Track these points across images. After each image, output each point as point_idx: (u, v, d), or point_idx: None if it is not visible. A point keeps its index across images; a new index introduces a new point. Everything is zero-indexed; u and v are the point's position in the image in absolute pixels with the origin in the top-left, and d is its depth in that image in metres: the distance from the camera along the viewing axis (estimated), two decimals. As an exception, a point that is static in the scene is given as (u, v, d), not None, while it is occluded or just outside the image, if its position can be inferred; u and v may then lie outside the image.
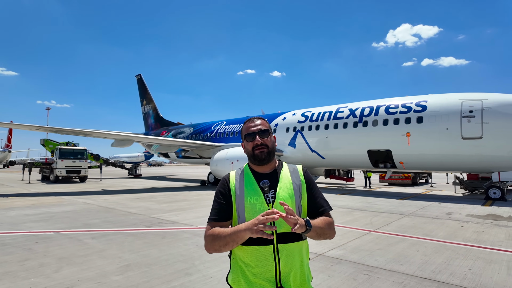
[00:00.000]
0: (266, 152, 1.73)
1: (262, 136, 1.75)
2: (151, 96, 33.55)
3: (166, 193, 14.43)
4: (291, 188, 1.70)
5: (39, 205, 10.25)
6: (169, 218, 7.95)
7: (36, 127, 17.25)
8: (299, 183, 1.75)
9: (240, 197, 1.68)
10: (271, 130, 1.83)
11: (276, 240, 1.59)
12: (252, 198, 1.66)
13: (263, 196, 1.65)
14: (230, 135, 21.08)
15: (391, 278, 3.93)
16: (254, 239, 1.55)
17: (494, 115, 11.43)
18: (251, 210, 1.64)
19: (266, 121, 1.86)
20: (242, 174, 1.77)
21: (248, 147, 1.78)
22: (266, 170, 1.77)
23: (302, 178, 1.78)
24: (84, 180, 23.09)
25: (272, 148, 1.76)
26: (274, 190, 1.68)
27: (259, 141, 1.73)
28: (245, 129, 1.82)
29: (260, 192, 1.66)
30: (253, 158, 1.75)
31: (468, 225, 7.23)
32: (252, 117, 1.89)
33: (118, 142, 18.98)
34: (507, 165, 11.58)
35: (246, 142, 1.80)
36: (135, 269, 4.20)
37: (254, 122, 1.81)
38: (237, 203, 1.68)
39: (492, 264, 4.48)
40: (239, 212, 1.68)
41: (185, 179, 27.08)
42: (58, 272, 4.09)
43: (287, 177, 1.74)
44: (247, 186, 1.70)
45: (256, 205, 1.64)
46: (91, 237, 5.99)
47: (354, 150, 15.01)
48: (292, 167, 1.82)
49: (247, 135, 1.78)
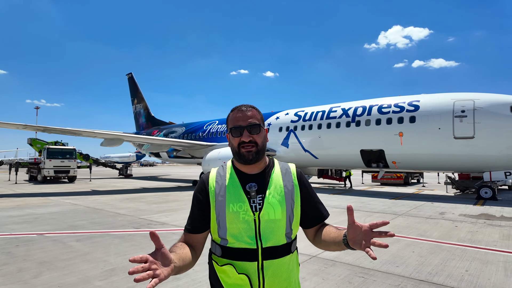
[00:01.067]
0: (254, 151, 1.43)
1: (251, 131, 1.45)
2: (142, 95, 33.09)
3: (156, 194, 14.16)
4: (282, 194, 1.44)
5: (23, 206, 9.90)
6: (159, 219, 7.73)
7: (23, 126, 16.75)
8: (292, 187, 1.48)
9: (220, 203, 1.41)
10: (263, 123, 1.53)
11: (262, 255, 1.35)
12: (235, 205, 1.39)
13: (248, 203, 1.39)
14: (223, 134, 20.86)
15: (387, 281, 3.80)
16: (235, 253, 1.36)
17: (486, 115, 11.47)
18: (233, 219, 1.37)
19: (258, 110, 1.54)
20: (225, 174, 1.49)
21: (233, 143, 1.48)
22: (253, 170, 1.48)
23: (296, 181, 1.51)
24: (73, 181, 22.63)
25: (262, 146, 1.47)
26: (262, 195, 1.41)
27: (247, 138, 1.43)
28: (232, 119, 1.49)
29: (245, 197, 1.39)
30: (238, 157, 1.46)
31: (462, 225, 7.18)
32: (242, 105, 1.53)
33: (108, 142, 18.64)
34: (498, 165, 11.64)
35: (231, 136, 1.48)
36: (120, 274, 3.99)
37: (243, 113, 1.48)
38: (217, 210, 1.41)
39: (488, 265, 4.39)
40: (219, 222, 1.41)
41: (176, 179, 26.75)
42: (38, 277, 3.86)
43: (278, 180, 1.47)
44: (229, 189, 1.42)
45: (240, 214, 1.37)
46: (76, 239, 5.75)
47: (347, 149, 14.95)
48: (284, 167, 1.55)
49: (233, 128, 1.46)
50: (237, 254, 1.36)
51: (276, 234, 1.38)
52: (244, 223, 1.36)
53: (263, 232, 1.36)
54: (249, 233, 1.36)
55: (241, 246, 1.36)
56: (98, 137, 18.94)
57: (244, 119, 1.46)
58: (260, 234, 1.36)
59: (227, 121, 1.54)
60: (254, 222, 1.36)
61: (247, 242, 1.35)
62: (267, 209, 1.38)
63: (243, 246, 1.36)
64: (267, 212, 1.38)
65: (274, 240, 1.37)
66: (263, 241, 1.35)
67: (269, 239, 1.36)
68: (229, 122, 1.52)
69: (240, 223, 1.36)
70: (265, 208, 1.38)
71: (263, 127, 1.52)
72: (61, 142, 25.40)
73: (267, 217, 1.37)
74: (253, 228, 1.36)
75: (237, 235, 1.36)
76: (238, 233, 1.36)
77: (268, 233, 1.36)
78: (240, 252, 1.36)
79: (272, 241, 1.36)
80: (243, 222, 1.36)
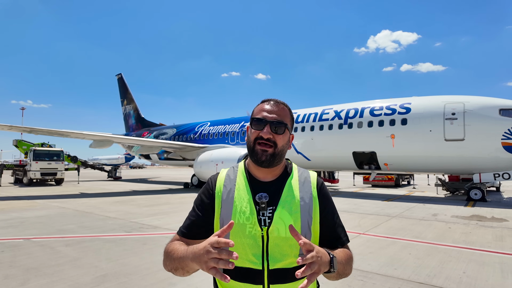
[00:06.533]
0: (270, 153, 1.25)
1: (274, 129, 1.27)
2: (132, 96, 32.63)
3: (147, 196, 13.91)
4: (298, 208, 1.24)
5: (8, 210, 9.55)
6: (150, 223, 7.55)
7: (8, 127, 16.26)
8: (310, 200, 1.27)
9: (226, 211, 1.24)
10: (290, 124, 1.34)
11: (268, 278, 1.18)
12: (242, 216, 1.21)
13: (257, 215, 1.21)
14: (215, 136, 20.70)
15: (387, 284, 3.75)
16: (237, 272, 1.18)
17: (476, 117, 11.65)
18: (238, 232, 1.20)
19: (290, 111, 1.36)
20: (235, 177, 1.32)
21: (250, 136, 1.30)
22: (267, 177, 1.31)
23: (315, 192, 1.30)
24: (60, 183, 22.08)
25: (280, 151, 1.28)
26: (273, 208, 1.22)
27: (267, 134, 1.25)
28: (257, 110, 1.32)
29: (253, 208, 1.22)
30: (251, 154, 1.30)
31: (455, 226, 7.23)
32: (273, 99, 1.35)
33: (97, 143, 18.26)
34: (487, 167, 11.83)
35: (250, 128, 1.31)
36: (113, 280, 3.83)
37: (271, 106, 1.31)
38: (222, 219, 1.25)
39: (485, 266, 4.40)
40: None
41: (167, 181, 26.41)
42: (24, 285, 3.67)
43: (294, 190, 1.27)
44: (237, 197, 1.25)
45: (246, 227, 1.20)
46: (65, 244, 5.54)
47: (339, 151, 15.00)
48: (303, 176, 1.33)
49: (256, 120, 1.29)
50: (239, 273, 1.19)
51: (287, 254, 1.19)
52: (250, 238, 1.19)
53: (272, 251, 1.19)
54: (254, 250, 1.19)
55: (245, 265, 1.19)
56: (87, 139, 18.57)
57: (271, 112, 1.29)
58: (267, 253, 1.18)
59: (253, 112, 1.36)
60: (262, 238, 1.19)
61: (251, 261, 1.19)
62: (277, 225, 1.20)
63: (247, 265, 1.19)
64: (276, 228, 1.19)
65: (283, 261, 1.18)
66: (270, 262, 1.18)
67: (278, 260, 1.18)
68: (254, 112, 1.34)
69: (246, 238, 1.19)
70: (275, 223, 1.20)
71: (290, 131, 1.34)
72: (48, 144, 24.76)
73: (276, 233, 1.19)
74: (260, 245, 1.19)
75: (241, 251, 1.19)
76: (242, 249, 1.20)
77: (276, 253, 1.18)
78: (242, 272, 1.19)
79: (281, 262, 1.18)
80: (249, 237, 1.19)
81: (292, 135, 1.36)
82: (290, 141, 1.34)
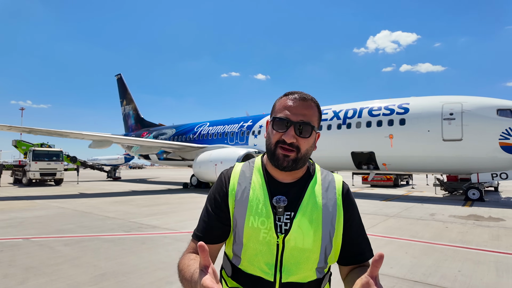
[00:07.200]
0: (292, 159, 1.10)
1: (300, 132, 1.10)
2: (131, 96, 32.67)
3: (146, 196, 13.94)
4: (319, 215, 1.10)
5: (8, 210, 9.58)
6: (149, 223, 7.58)
7: (7, 127, 16.29)
8: (334, 208, 1.13)
9: (240, 212, 1.12)
10: (318, 123, 1.16)
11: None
12: (256, 220, 1.09)
13: (273, 220, 1.09)
14: (214, 136, 20.74)
15: (382, 282, 3.76)
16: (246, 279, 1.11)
17: (473, 117, 11.71)
18: (252, 236, 1.09)
19: (319, 108, 1.17)
20: (251, 175, 1.17)
21: (271, 137, 1.13)
22: (286, 178, 1.16)
23: (340, 200, 1.15)
24: (59, 183, 22.10)
25: (304, 155, 1.12)
26: (291, 213, 1.10)
27: (290, 138, 1.09)
28: (280, 107, 1.14)
29: (270, 212, 1.09)
30: (271, 157, 1.13)
31: (452, 225, 7.27)
32: (301, 92, 1.16)
33: (96, 143, 18.30)
34: (485, 167, 11.88)
35: (271, 128, 1.14)
36: (111, 279, 3.87)
37: (297, 103, 1.11)
38: (236, 220, 1.13)
39: (480, 265, 4.44)
40: (235, 234, 1.14)
41: (166, 181, 26.44)
42: (24, 283, 3.71)
43: (316, 196, 1.13)
44: (253, 198, 1.12)
45: (261, 232, 1.08)
46: (64, 244, 5.57)
47: (337, 151, 15.04)
48: (327, 179, 1.19)
49: (279, 119, 1.11)
50: (248, 281, 1.10)
51: (303, 267, 1.09)
52: (264, 244, 1.08)
53: (286, 262, 1.08)
54: (267, 259, 1.08)
55: (255, 273, 1.09)
56: (86, 139, 18.59)
57: (297, 111, 1.10)
58: (281, 263, 1.07)
59: (274, 106, 1.18)
60: (277, 246, 1.08)
61: (263, 270, 1.09)
62: (294, 233, 1.08)
63: (258, 274, 1.09)
64: (294, 238, 1.07)
65: (298, 274, 1.08)
66: (284, 274, 1.07)
67: (292, 273, 1.08)
68: (276, 108, 1.16)
69: (260, 244, 1.08)
70: (293, 231, 1.07)
71: (316, 131, 1.15)
72: (48, 144, 24.75)
73: (293, 243, 1.07)
74: (274, 254, 1.08)
75: (252, 257, 1.10)
76: (254, 255, 1.10)
77: (291, 265, 1.07)
78: (252, 281, 1.10)
79: (296, 276, 1.08)
80: (264, 243, 1.08)
81: (318, 133, 1.18)
82: (315, 141, 1.18)
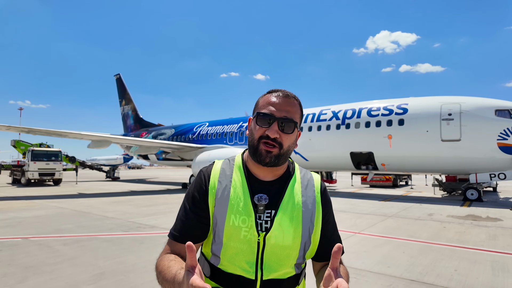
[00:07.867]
0: (274, 155, 1.11)
1: (283, 128, 1.12)
2: (130, 96, 32.66)
3: (145, 196, 13.95)
4: (299, 213, 1.13)
5: (6, 210, 9.58)
6: (148, 223, 7.60)
7: (6, 127, 16.28)
8: (313, 205, 1.16)
9: (220, 210, 1.11)
10: (300, 121, 1.18)
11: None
12: (237, 218, 1.09)
13: (254, 218, 1.09)
14: (213, 136, 20.75)
15: (379, 281, 3.82)
16: (226, 279, 1.10)
17: (472, 118, 11.75)
18: (233, 235, 1.09)
19: (301, 106, 1.19)
20: (231, 173, 1.17)
21: (254, 133, 1.14)
22: (268, 176, 1.17)
23: (318, 197, 1.19)
24: (58, 183, 22.08)
25: (286, 151, 1.14)
26: (272, 211, 1.11)
27: (273, 133, 1.10)
28: (264, 103, 1.16)
29: (251, 210, 1.10)
30: (254, 153, 1.14)
31: (450, 225, 7.31)
32: (284, 90, 1.18)
33: (95, 143, 18.31)
34: (483, 167, 11.92)
35: (254, 124, 1.15)
36: (110, 278, 3.89)
37: (280, 100, 1.13)
38: (215, 219, 1.12)
39: (476, 264, 4.47)
40: (215, 233, 1.13)
41: (165, 182, 26.45)
42: (23, 282, 3.73)
43: (296, 194, 1.15)
44: (233, 196, 1.12)
45: (242, 230, 1.09)
46: (63, 243, 5.59)
47: (337, 152, 15.07)
48: (306, 178, 1.22)
49: (262, 115, 1.12)
50: (229, 281, 1.10)
51: (283, 264, 1.11)
52: (245, 243, 1.09)
53: (267, 259, 1.09)
54: (248, 257, 1.09)
55: (236, 272, 1.10)
56: (85, 139, 18.58)
57: (281, 107, 1.12)
58: (262, 261, 1.09)
59: (257, 103, 1.19)
60: (258, 244, 1.09)
61: (244, 268, 1.09)
62: (275, 231, 1.09)
63: (238, 272, 1.09)
64: (274, 235, 1.09)
65: (279, 271, 1.10)
66: (265, 271, 1.09)
67: (273, 270, 1.10)
68: (259, 105, 1.17)
69: (240, 243, 1.09)
70: (274, 229, 1.09)
71: (298, 128, 1.18)
72: (46, 144, 24.75)
73: (274, 241, 1.09)
74: (255, 252, 1.09)
75: (233, 256, 1.10)
76: (235, 254, 1.10)
77: (272, 262, 1.10)
78: (233, 280, 1.10)
79: (276, 272, 1.10)
80: (244, 242, 1.09)
81: (299, 132, 1.20)
82: (297, 139, 1.20)
